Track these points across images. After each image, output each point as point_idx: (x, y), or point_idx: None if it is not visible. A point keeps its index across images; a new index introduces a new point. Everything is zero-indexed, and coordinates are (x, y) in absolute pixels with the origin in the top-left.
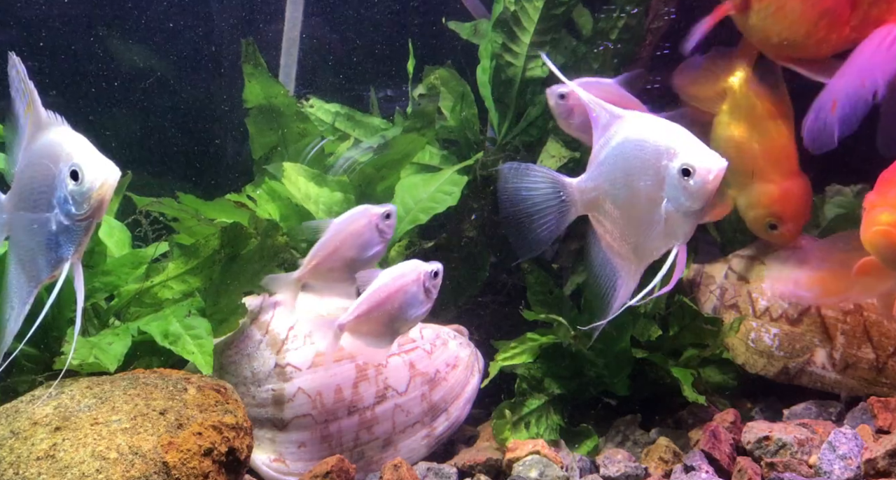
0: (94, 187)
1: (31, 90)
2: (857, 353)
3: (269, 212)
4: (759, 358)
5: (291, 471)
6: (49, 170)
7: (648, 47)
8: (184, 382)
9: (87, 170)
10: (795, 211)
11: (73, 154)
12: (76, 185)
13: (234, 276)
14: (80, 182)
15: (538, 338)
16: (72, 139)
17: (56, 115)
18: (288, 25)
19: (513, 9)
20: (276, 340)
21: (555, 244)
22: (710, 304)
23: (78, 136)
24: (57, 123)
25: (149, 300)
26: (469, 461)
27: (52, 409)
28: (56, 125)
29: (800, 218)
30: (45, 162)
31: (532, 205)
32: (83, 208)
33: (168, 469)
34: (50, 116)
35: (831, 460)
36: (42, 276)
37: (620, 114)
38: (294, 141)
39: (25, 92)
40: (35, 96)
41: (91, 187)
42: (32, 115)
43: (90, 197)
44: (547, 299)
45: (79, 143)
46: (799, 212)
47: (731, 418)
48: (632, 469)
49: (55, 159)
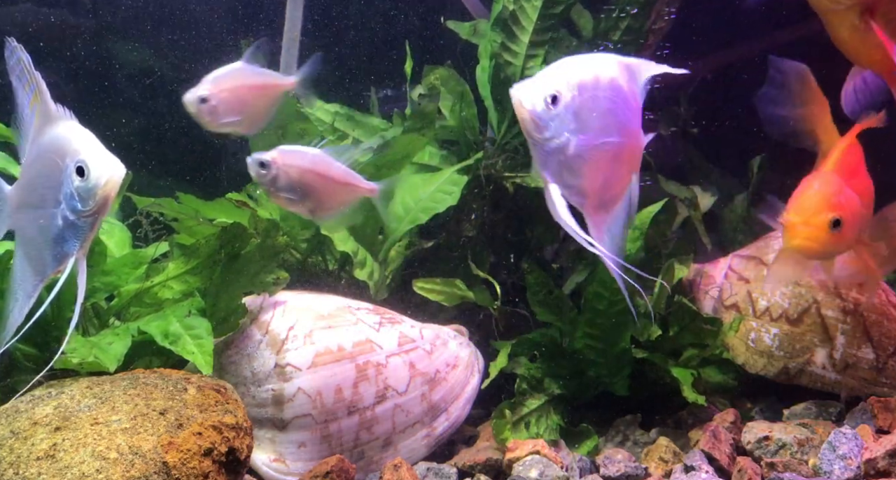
0: (100, 184)
1: (38, 81)
2: (857, 353)
3: (270, 211)
4: (759, 358)
5: (291, 471)
6: (56, 165)
7: (650, 48)
8: (184, 382)
9: (92, 167)
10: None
11: (80, 150)
12: (82, 182)
13: (234, 276)
14: (85, 178)
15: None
16: (79, 134)
17: (64, 109)
18: (288, 25)
19: (511, 8)
20: (276, 340)
21: (555, 244)
22: (710, 304)
23: (85, 132)
24: (65, 117)
25: (149, 300)
26: (469, 461)
27: (52, 409)
28: (64, 119)
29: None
30: (52, 157)
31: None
32: (88, 204)
33: (168, 469)
34: (59, 110)
35: (831, 460)
36: (48, 271)
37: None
38: (294, 141)
39: (31, 82)
40: (43, 88)
41: (96, 184)
42: (40, 108)
43: (95, 193)
44: (547, 299)
45: (85, 139)
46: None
47: (731, 418)
48: (632, 469)
49: (62, 154)
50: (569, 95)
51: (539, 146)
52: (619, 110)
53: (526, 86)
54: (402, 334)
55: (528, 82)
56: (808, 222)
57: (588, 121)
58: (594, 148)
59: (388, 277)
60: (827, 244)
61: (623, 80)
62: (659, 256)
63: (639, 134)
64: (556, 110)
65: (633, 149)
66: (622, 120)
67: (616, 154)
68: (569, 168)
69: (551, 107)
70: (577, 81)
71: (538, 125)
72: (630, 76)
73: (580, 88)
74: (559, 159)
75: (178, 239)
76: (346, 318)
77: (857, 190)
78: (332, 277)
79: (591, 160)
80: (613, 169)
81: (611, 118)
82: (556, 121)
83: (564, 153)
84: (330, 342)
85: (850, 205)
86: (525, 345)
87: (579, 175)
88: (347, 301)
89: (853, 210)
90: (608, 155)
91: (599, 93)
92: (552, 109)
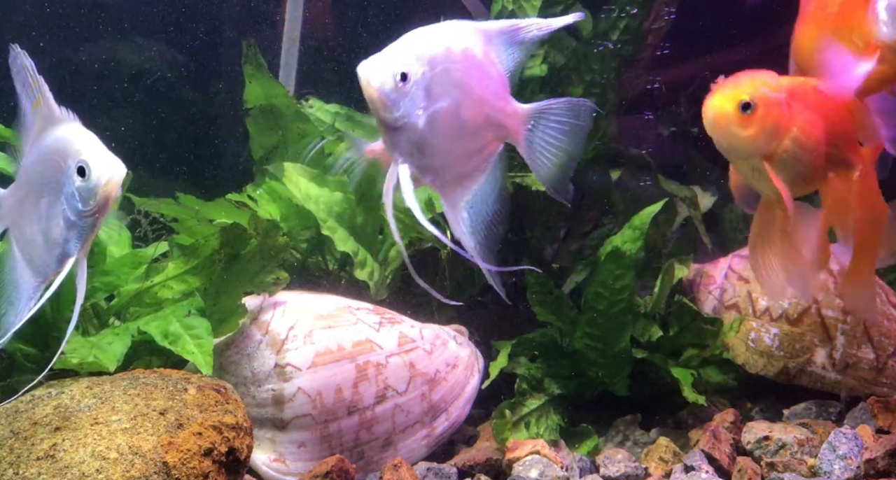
0: (101, 184)
1: (41, 85)
2: (857, 353)
3: (270, 212)
4: (759, 358)
5: (291, 471)
6: (58, 165)
7: (649, 48)
8: (184, 382)
9: (93, 167)
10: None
11: (81, 150)
12: (83, 181)
13: (234, 276)
14: (86, 178)
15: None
16: (81, 135)
17: (68, 111)
18: (288, 25)
19: (511, 7)
20: (276, 340)
21: (555, 244)
22: (710, 304)
23: (87, 133)
24: (69, 119)
25: (149, 300)
26: (469, 461)
27: (52, 409)
28: (67, 121)
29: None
30: (54, 157)
31: None
32: (89, 204)
33: (168, 469)
34: (63, 112)
35: (831, 460)
36: (48, 271)
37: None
38: (294, 141)
39: (34, 86)
40: (45, 91)
41: (97, 183)
42: (42, 110)
43: (96, 193)
44: (546, 299)
45: (87, 140)
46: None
47: (731, 418)
48: (632, 469)
49: (63, 155)
50: (419, 71)
51: (389, 125)
52: (474, 80)
53: (373, 64)
54: (402, 334)
55: (376, 59)
56: (720, 96)
57: (441, 96)
58: (448, 123)
59: (388, 277)
60: (735, 125)
61: (478, 48)
62: (659, 256)
63: (503, 101)
64: (407, 88)
65: (494, 119)
66: (479, 90)
67: (473, 126)
68: (421, 146)
69: (401, 85)
70: (428, 55)
71: (388, 105)
72: (488, 41)
73: (431, 63)
74: (411, 138)
75: (178, 239)
76: (346, 318)
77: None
78: (332, 277)
79: (445, 136)
80: (471, 141)
81: (465, 89)
82: (407, 99)
83: (416, 131)
84: (330, 342)
85: (777, 100)
86: (525, 345)
87: (433, 152)
88: (347, 301)
89: (779, 106)
90: (463, 129)
91: (452, 65)
92: (402, 87)
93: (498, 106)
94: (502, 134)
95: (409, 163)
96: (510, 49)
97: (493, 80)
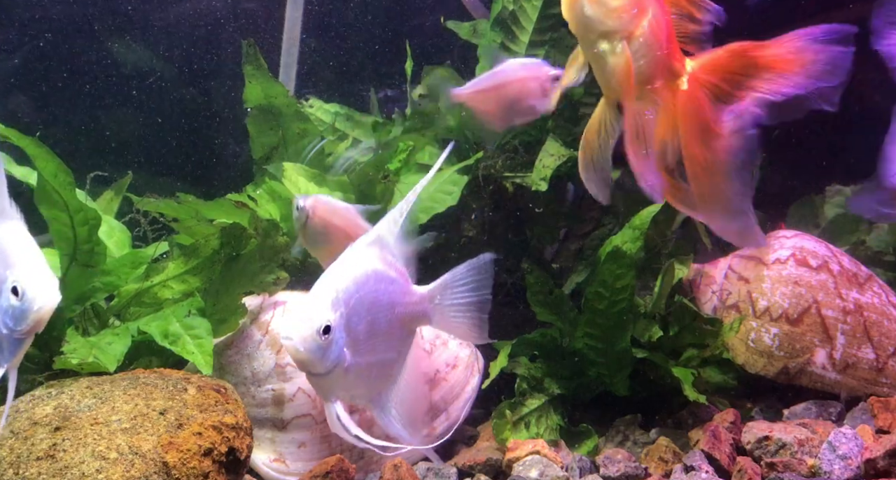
0: (32, 309)
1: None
2: (857, 353)
3: (270, 212)
4: (759, 358)
5: (291, 471)
6: None
7: None
8: (184, 382)
9: (28, 290)
10: None
11: (17, 266)
12: (17, 301)
13: (234, 276)
14: (20, 299)
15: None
16: (20, 245)
17: (13, 206)
18: (288, 25)
19: (511, 8)
20: (277, 340)
21: (555, 244)
22: (710, 304)
23: (28, 241)
24: (12, 217)
25: (149, 300)
26: (469, 461)
27: (52, 409)
28: (10, 219)
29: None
30: None
31: None
32: (20, 325)
33: (168, 469)
34: (10, 209)
35: (831, 460)
36: None
37: None
38: (294, 141)
39: None
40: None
41: (29, 308)
42: None
43: (27, 317)
44: (547, 299)
45: (27, 253)
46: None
47: (731, 418)
48: (632, 469)
49: (2, 262)
50: (337, 315)
51: (319, 375)
52: (381, 292)
53: (297, 328)
54: None
55: (297, 321)
56: None
57: (358, 323)
58: (369, 346)
59: None
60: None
61: (377, 260)
62: (659, 256)
63: (408, 294)
64: (331, 337)
65: (404, 314)
66: (387, 297)
67: (388, 331)
68: (350, 380)
69: (325, 338)
70: (342, 297)
71: (318, 361)
72: (382, 247)
73: (345, 302)
74: (339, 377)
75: (178, 239)
76: None
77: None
78: None
79: (369, 359)
80: (390, 345)
81: (377, 305)
82: (333, 346)
83: (343, 368)
84: None
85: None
86: (525, 345)
87: (361, 379)
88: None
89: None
90: (383, 339)
91: (362, 293)
92: (327, 339)
93: (404, 300)
94: (414, 321)
95: (340, 398)
96: (401, 236)
97: (395, 281)
